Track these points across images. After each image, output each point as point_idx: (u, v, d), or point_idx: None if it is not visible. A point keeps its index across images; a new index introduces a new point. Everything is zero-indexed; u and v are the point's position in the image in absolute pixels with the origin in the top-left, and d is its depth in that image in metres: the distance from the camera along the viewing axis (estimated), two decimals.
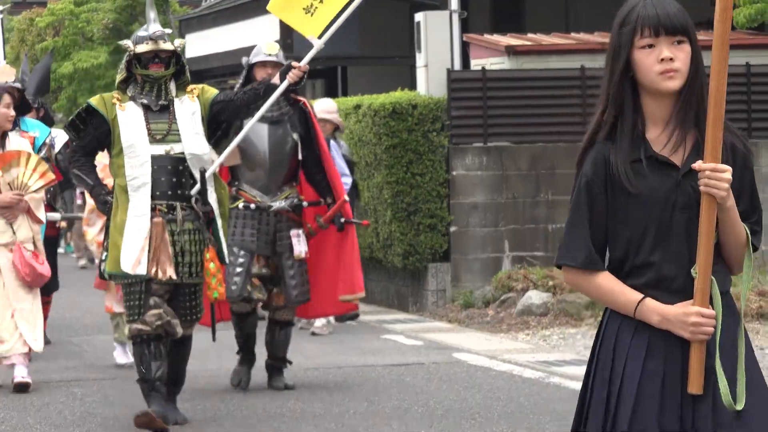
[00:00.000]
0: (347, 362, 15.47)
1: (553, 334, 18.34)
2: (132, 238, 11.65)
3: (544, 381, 15.32)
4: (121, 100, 11.92)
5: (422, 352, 17.26)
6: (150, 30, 12.21)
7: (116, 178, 12.08)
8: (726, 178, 5.06)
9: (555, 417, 13.35)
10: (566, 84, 22.31)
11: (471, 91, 22.14)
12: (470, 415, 13.34)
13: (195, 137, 11.99)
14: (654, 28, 5.21)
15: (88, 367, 15.84)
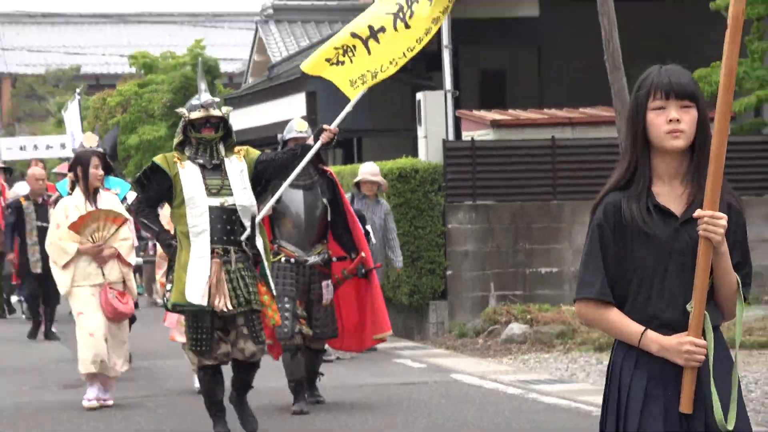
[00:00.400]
0: (366, 381, 15.47)
1: (531, 359, 18.27)
2: (195, 275, 11.55)
3: (524, 396, 15.26)
4: (180, 160, 11.93)
5: (425, 374, 17.23)
6: (201, 99, 12.11)
7: (178, 225, 11.98)
8: (722, 224, 5.09)
9: (534, 426, 13.43)
10: (539, 152, 22.18)
11: (462, 158, 22.04)
12: (465, 425, 13.44)
13: (244, 191, 11.87)
14: (665, 91, 5.22)
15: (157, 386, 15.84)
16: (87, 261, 14.16)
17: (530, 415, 14.01)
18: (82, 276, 14.17)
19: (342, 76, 12.35)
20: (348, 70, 12.29)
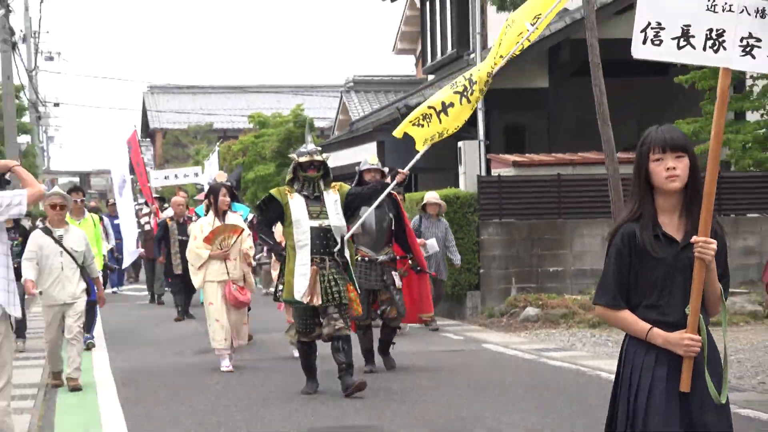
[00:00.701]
0: (420, 349, 15.43)
1: (541, 333, 18.31)
2: (299, 279, 11.89)
3: (536, 360, 15.28)
4: (290, 192, 12.23)
5: (463, 344, 17.25)
6: (308, 148, 12.54)
7: (287, 240, 12.26)
8: (712, 248, 5.14)
9: (543, 382, 13.36)
10: (548, 184, 22.17)
11: (491, 188, 22.12)
12: (492, 382, 13.39)
13: (337, 216, 12.14)
14: (661, 147, 5.24)
15: (267, 353, 15.96)
16: (216, 263, 14.41)
17: (541, 374, 14.09)
18: (212, 274, 14.43)
19: (419, 134, 12.60)
20: (424, 131, 12.55)
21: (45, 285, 12.86)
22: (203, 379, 13.96)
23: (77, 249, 13.07)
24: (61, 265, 12.92)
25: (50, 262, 12.87)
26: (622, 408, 5.43)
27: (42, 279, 12.86)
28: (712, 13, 5.37)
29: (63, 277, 12.93)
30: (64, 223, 13.28)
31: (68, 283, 12.98)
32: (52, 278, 12.89)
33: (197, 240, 14.57)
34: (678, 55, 5.46)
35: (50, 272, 12.88)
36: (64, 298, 12.98)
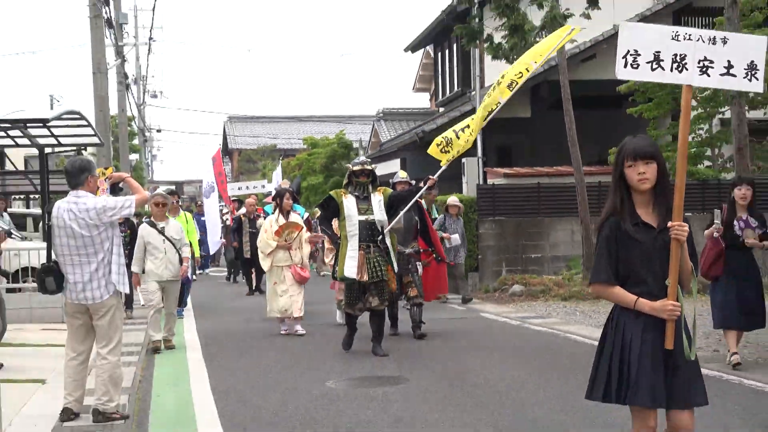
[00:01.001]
0: (432, 317, 14.94)
1: (525, 305, 18.16)
2: (350, 261, 11.90)
3: (521, 325, 15.17)
4: (345, 194, 12.26)
5: (465, 313, 17.08)
6: (360, 159, 12.71)
7: (342, 231, 12.23)
8: (685, 230, 5.11)
9: (526, 341, 13.33)
10: (531, 191, 22.03)
11: (487, 194, 21.98)
12: (487, 342, 13.33)
13: (380, 212, 12.12)
14: (633, 155, 5.21)
15: (317, 321, 15.58)
16: (281, 252, 14.45)
17: (524, 337, 13.98)
18: (277, 261, 14.48)
19: (443, 155, 12.42)
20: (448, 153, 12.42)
21: (151, 266, 13.06)
22: (267, 340, 13.91)
23: (176, 237, 13.31)
24: (164, 249, 13.10)
25: (156, 247, 13.08)
26: (612, 367, 5.31)
27: (149, 261, 13.08)
28: (676, 42, 5.45)
29: (165, 260, 13.09)
30: (165, 217, 13.49)
31: (170, 264, 13.13)
32: (158, 260, 13.05)
33: (267, 233, 14.58)
34: (652, 76, 5.48)
35: (155, 256, 13.06)
36: (167, 276, 13.10)
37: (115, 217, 8.37)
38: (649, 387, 5.21)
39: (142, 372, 11.22)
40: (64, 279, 8.39)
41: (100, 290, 8.32)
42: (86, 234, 8.26)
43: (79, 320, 8.49)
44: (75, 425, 8.26)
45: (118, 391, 8.50)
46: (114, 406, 8.40)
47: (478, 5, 22.33)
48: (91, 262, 8.30)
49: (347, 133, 40.21)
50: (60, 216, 8.32)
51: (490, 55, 21.08)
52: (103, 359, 8.41)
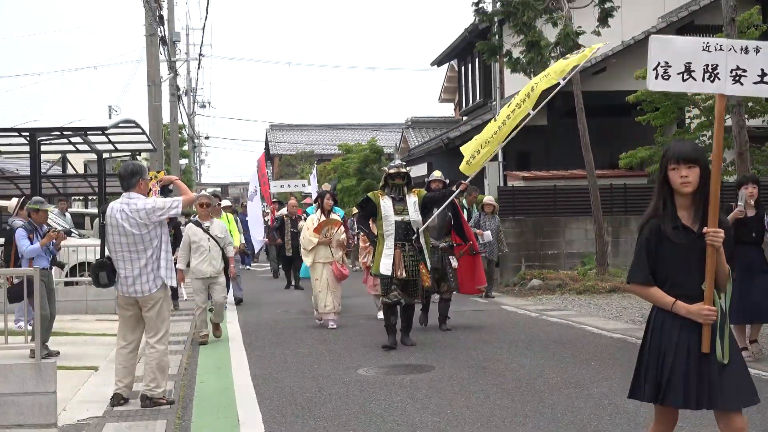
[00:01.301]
0: (457, 309, 14.71)
1: (543, 298, 17.96)
2: (386, 259, 11.61)
3: (539, 318, 14.97)
4: (381, 195, 11.91)
5: (488, 306, 16.81)
6: (395, 163, 12.40)
7: (379, 230, 11.88)
8: (721, 236, 4.89)
9: (544, 332, 13.16)
10: (547, 192, 21.97)
11: (507, 195, 21.76)
12: (507, 333, 13.17)
13: (415, 213, 11.74)
14: (676, 158, 4.98)
15: (357, 315, 15.39)
16: (322, 249, 14.05)
17: (542, 328, 13.78)
18: (319, 257, 14.07)
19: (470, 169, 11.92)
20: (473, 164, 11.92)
21: (195, 262, 12.74)
22: (303, 331, 13.79)
23: (220, 236, 12.89)
24: (209, 247, 12.72)
25: (200, 245, 12.73)
26: (649, 367, 5.09)
27: (194, 258, 12.78)
28: (707, 52, 5.20)
29: (209, 257, 12.72)
30: (210, 217, 13.11)
31: (213, 261, 12.74)
32: (202, 258, 12.71)
33: (309, 231, 14.20)
34: (683, 86, 5.23)
35: (200, 253, 12.73)
36: (211, 273, 12.70)
37: (163, 216, 8.37)
38: (681, 388, 5.00)
39: (188, 360, 11.16)
40: (116, 274, 8.41)
41: (148, 284, 8.33)
42: (136, 232, 8.27)
43: (130, 311, 8.49)
44: (124, 409, 8.23)
45: (165, 378, 8.51)
46: (161, 392, 8.40)
47: (498, 23, 22.27)
48: (141, 258, 8.30)
49: (378, 139, 40.19)
50: (113, 216, 8.34)
51: (509, 68, 21.13)
52: (151, 348, 8.42)
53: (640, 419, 7.53)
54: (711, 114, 22.90)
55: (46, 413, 7.52)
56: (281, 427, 7.61)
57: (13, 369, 7.56)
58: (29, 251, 10.92)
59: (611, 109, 25.85)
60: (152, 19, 24.28)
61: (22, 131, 15.74)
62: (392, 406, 8.24)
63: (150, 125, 23.52)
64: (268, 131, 59.08)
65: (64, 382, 8.62)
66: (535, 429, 7.39)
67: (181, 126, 44.65)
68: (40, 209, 11.37)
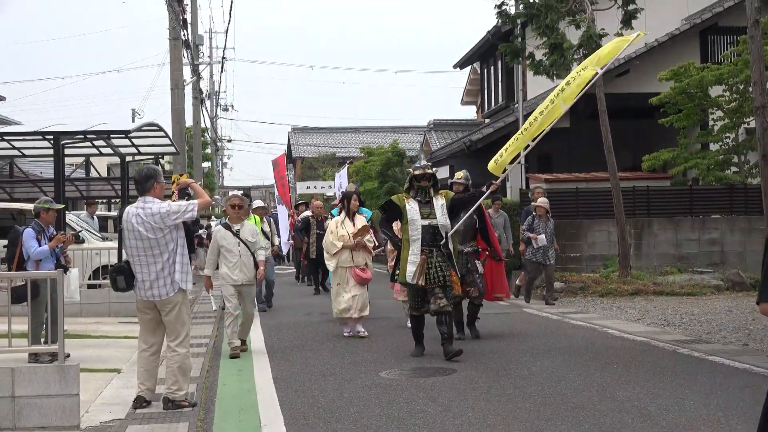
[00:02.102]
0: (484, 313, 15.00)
1: (565, 300, 17.90)
2: (411, 266, 10.95)
3: (561, 320, 14.91)
4: (406, 198, 11.23)
5: (509, 308, 16.67)
6: (421, 164, 11.53)
7: (404, 234, 11.20)
8: None
9: (566, 334, 13.14)
10: (569, 195, 22.00)
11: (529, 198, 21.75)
12: (530, 335, 13.13)
13: (443, 216, 11.04)
14: None
15: (382, 323, 14.80)
16: (345, 253, 13.35)
17: (564, 330, 13.74)
18: (341, 261, 13.36)
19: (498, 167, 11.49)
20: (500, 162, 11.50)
21: (226, 269, 11.89)
22: (324, 334, 13.79)
23: (251, 240, 11.96)
24: (239, 252, 11.82)
25: (230, 250, 11.85)
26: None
27: (224, 264, 11.93)
28: None
29: (240, 263, 11.81)
30: (241, 219, 12.09)
31: (244, 267, 11.84)
32: (233, 264, 11.83)
33: (333, 234, 13.50)
34: None
35: (230, 259, 11.86)
36: (243, 280, 11.83)
37: (178, 220, 8.36)
38: None
39: (210, 363, 11.14)
40: (134, 278, 8.42)
41: (166, 288, 8.33)
42: (152, 236, 8.28)
43: (149, 315, 8.51)
44: (146, 412, 8.23)
45: (186, 381, 8.50)
46: (183, 395, 8.39)
47: (521, 26, 22.27)
48: (157, 262, 8.31)
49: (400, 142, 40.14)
50: (129, 220, 8.36)
51: (531, 71, 21.11)
52: (172, 351, 8.41)
53: (663, 423, 7.49)
54: (735, 116, 22.83)
55: (69, 415, 7.55)
56: (303, 430, 7.61)
57: (37, 371, 7.61)
58: (37, 253, 10.89)
59: (634, 111, 25.81)
60: (176, 22, 24.40)
61: (47, 134, 15.83)
62: (414, 410, 8.21)
63: (173, 128, 23.64)
64: (291, 134, 59.20)
65: (86, 385, 8.66)
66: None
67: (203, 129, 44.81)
68: (50, 209, 11.36)
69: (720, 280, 19.48)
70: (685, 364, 10.44)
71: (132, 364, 10.07)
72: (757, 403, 8.09)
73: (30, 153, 19.20)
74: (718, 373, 9.80)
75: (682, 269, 21.32)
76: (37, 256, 10.87)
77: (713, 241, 22.33)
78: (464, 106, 45.22)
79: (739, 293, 18.32)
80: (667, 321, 14.32)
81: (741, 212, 22.75)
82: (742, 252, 22.26)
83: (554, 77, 20.56)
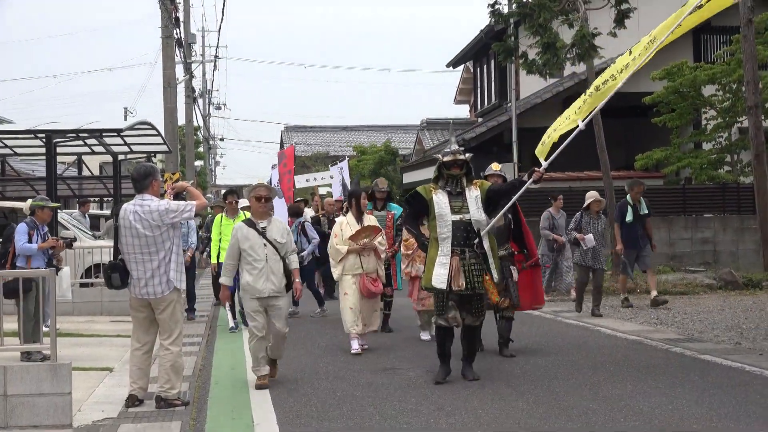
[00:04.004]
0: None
1: (558, 300, 17.54)
2: (440, 268, 9.25)
3: (554, 319, 14.93)
4: (434, 189, 9.47)
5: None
6: (451, 148, 9.60)
7: (431, 232, 9.46)
8: None
9: (557, 334, 13.09)
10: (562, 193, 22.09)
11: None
12: (523, 334, 12.78)
13: (477, 211, 9.28)
14: None
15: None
16: (352, 258, 11.63)
17: (557, 329, 13.78)
18: (348, 268, 11.62)
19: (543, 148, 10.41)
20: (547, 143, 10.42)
21: (249, 277, 9.53)
22: (317, 333, 13.76)
23: (280, 241, 9.61)
24: (265, 257, 9.47)
25: (254, 254, 9.53)
26: None
27: (246, 271, 9.57)
28: None
29: (267, 270, 9.46)
30: (268, 215, 9.81)
31: (272, 275, 9.48)
32: (257, 271, 9.49)
33: (338, 237, 11.82)
34: None
35: (253, 265, 9.52)
36: (269, 291, 9.47)
37: (176, 219, 8.39)
38: None
39: (202, 361, 11.15)
40: (129, 275, 8.43)
41: (161, 286, 8.34)
42: (149, 234, 8.29)
43: (143, 313, 8.51)
44: (139, 411, 8.23)
45: (179, 380, 8.51)
46: (175, 393, 8.40)
47: (514, 25, 22.32)
48: (153, 260, 8.32)
49: (393, 141, 40.28)
50: (126, 217, 8.36)
51: (524, 70, 21.13)
52: (165, 350, 8.42)
53: (656, 421, 7.51)
54: (728, 115, 22.90)
55: (62, 414, 7.55)
56: (296, 429, 7.61)
57: (29, 370, 7.62)
58: (24, 248, 10.89)
59: (627, 111, 25.83)
60: (168, 21, 24.43)
61: (38, 133, 15.82)
62: (407, 408, 8.21)
63: (165, 127, 23.67)
64: (283, 132, 59.21)
65: (79, 383, 8.68)
66: (549, 431, 7.38)
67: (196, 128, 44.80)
68: (45, 206, 11.35)
69: (713, 279, 19.50)
70: (677, 362, 10.46)
71: (124, 363, 10.08)
72: (750, 401, 8.17)
73: (22, 152, 19.23)
74: (710, 371, 9.82)
75: (675, 268, 21.37)
76: (22, 251, 10.89)
77: (706, 240, 22.44)
78: (458, 105, 45.32)
79: (731, 292, 18.34)
80: (659, 320, 14.34)
81: (734, 211, 22.83)
82: (734, 251, 22.35)
83: (547, 76, 20.62)
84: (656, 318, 14.48)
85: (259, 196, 9.70)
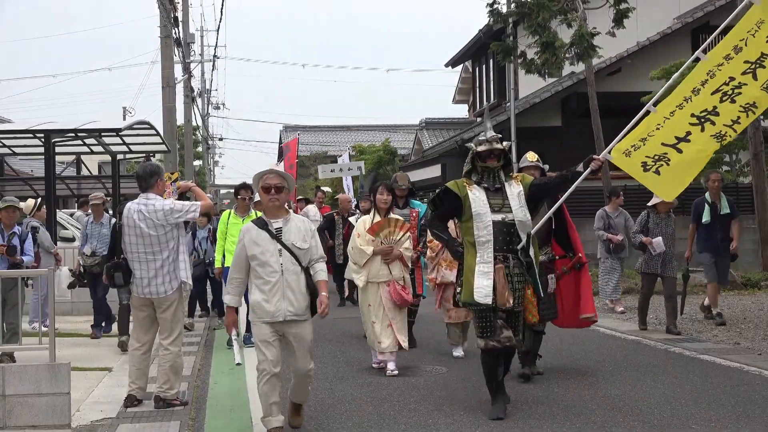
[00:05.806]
0: None
1: None
2: (481, 278, 7.63)
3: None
4: (468, 184, 7.89)
5: None
6: (487, 135, 7.92)
7: (465, 236, 7.83)
8: None
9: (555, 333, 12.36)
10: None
11: None
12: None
13: (521, 209, 7.73)
14: None
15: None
16: (378, 263, 10.01)
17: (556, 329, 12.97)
18: (373, 275, 10.01)
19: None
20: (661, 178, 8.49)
21: (259, 295, 7.20)
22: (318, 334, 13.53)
23: (301, 246, 7.23)
24: (280, 266, 7.16)
25: (266, 262, 7.19)
26: None
27: (255, 287, 7.26)
28: None
29: (282, 285, 7.14)
30: (284, 211, 7.41)
31: (290, 292, 7.15)
32: (269, 285, 7.17)
33: (361, 237, 10.18)
34: None
35: (265, 279, 7.19)
36: (285, 314, 7.15)
37: (181, 219, 8.38)
38: None
39: (201, 361, 11.14)
40: (131, 274, 8.43)
41: (164, 286, 8.34)
42: (153, 233, 8.28)
43: (144, 312, 8.51)
44: (138, 410, 8.23)
45: (178, 380, 8.51)
46: (174, 393, 8.40)
47: (513, 24, 22.29)
48: (157, 260, 8.31)
49: (392, 140, 40.24)
50: (130, 216, 8.35)
51: (523, 69, 21.15)
52: (165, 350, 8.42)
53: (655, 421, 7.50)
54: None
55: (60, 414, 7.54)
56: (294, 429, 7.59)
57: (28, 370, 7.59)
58: None
59: (626, 110, 25.73)
60: (167, 20, 24.37)
61: (37, 132, 15.78)
62: (406, 408, 8.20)
63: (164, 127, 23.62)
64: (282, 132, 59.13)
65: (77, 383, 8.68)
66: (549, 431, 7.36)
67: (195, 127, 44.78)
68: (13, 207, 11.06)
69: None
70: (676, 362, 10.44)
71: (123, 363, 10.07)
72: (749, 401, 8.15)
73: (21, 151, 19.18)
74: (709, 371, 9.82)
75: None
76: None
77: None
78: (457, 105, 45.32)
79: (730, 292, 18.31)
80: (658, 319, 14.32)
81: None
82: None
83: (546, 76, 20.62)
84: (655, 318, 14.46)
85: (268, 186, 7.34)
